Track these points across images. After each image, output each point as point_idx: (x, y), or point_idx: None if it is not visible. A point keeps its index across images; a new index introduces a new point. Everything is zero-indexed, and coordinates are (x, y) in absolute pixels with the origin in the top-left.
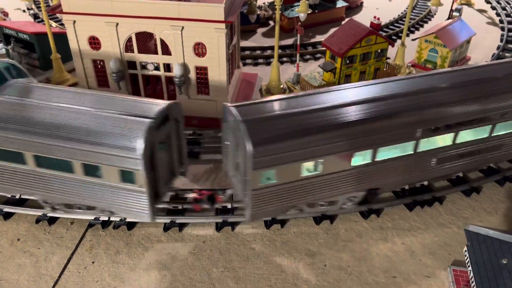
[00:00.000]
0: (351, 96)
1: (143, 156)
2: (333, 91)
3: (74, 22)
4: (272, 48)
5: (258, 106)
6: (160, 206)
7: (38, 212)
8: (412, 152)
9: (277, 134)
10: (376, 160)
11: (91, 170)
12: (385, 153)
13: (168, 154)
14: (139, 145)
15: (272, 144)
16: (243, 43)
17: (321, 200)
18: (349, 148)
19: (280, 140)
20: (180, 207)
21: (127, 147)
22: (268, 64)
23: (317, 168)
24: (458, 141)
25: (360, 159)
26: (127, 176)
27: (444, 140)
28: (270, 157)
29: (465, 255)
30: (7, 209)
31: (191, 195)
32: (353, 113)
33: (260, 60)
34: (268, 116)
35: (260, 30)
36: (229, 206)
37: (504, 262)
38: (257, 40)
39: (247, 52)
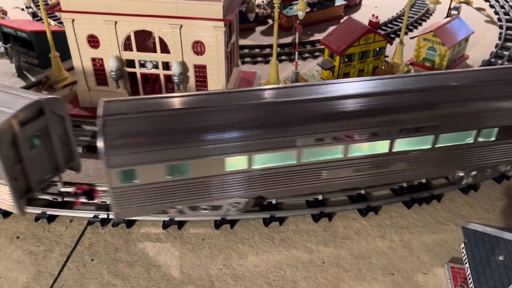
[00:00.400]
0: (235, 98)
1: None
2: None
3: (73, 20)
4: (270, 46)
5: (134, 102)
6: (40, 197)
7: (37, 210)
8: (295, 162)
9: (137, 132)
10: (253, 167)
11: None
12: (263, 161)
13: (47, 149)
14: None
15: (129, 141)
16: (242, 42)
17: (195, 204)
18: (217, 152)
19: (140, 138)
20: (60, 199)
21: None
22: (267, 62)
23: (184, 171)
24: (350, 154)
25: (235, 165)
26: None
27: (334, 152)
28: (127, 156)
29: (463, 252)
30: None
31: (71, 189)
32: (228, 117)
33: (259, 59)
34: (133, 114)
35: (259, 29)
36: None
37: (501, 258)
38: (256, 38)
39: (246, 51)
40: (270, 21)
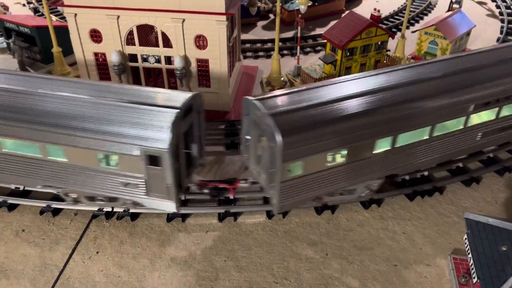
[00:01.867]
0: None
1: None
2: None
3: (75, 15)
4: (272, 41)
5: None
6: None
7: (42, 204)
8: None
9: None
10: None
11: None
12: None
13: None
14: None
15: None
16: (243, 36)
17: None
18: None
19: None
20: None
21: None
22: (269, 57)
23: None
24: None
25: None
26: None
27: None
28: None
29: (465, 243)
30: (12, 200)
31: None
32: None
33: (261, 53)
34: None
35: (260, 23)
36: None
37: (504, 249)
38: (257, 33)
39: (248, 45)
40: (271, 15)
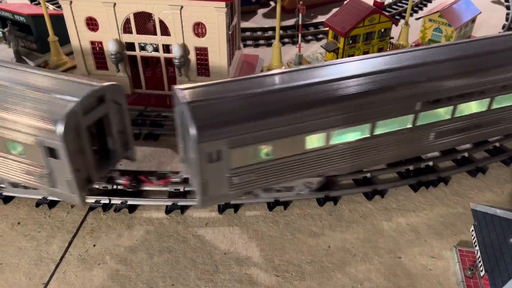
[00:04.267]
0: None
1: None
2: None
3: (71, 2)
4: (273, 29)
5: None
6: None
7: (38, 196)
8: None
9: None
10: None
11: None
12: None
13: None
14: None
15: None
16: (244, 24)
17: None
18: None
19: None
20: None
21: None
22: (269, 45)
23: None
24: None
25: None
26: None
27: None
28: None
29: (472, 235)
30: (7, 193)
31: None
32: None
33: (261, 41)
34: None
35: (261, 11)
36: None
37: None
38: (258, 21)
39: (248, 33)
40: (272, 3)
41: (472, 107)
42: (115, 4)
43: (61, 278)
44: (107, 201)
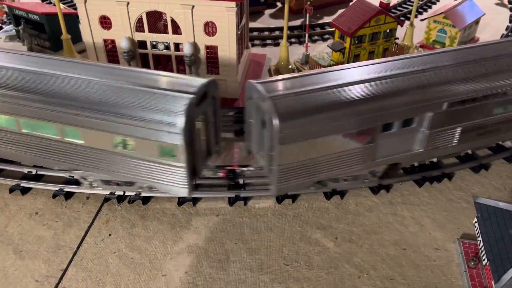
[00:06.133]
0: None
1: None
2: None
3: (85, 1)
4: (280, 29)
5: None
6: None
7: (55, 187)
8: None
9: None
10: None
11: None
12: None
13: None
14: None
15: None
16: (251, 24)
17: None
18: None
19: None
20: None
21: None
22: (276, 45)
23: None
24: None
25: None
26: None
27: None
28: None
29: (475, 226)
30: (25, 184)
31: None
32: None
33: (268, 41)
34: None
35: (268, 12)
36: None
37: None
38: (265, 21)
39: (255, 33)
40: (279, 4)
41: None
42: (128, 3)
43: (79, 265)
44: (121, 193)
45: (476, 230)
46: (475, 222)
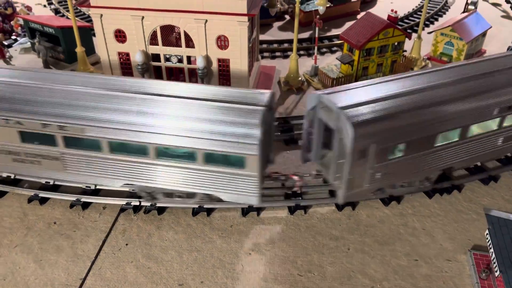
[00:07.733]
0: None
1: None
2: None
3: (101, 15)
4: (289, 41)
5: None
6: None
7: (72, 197)
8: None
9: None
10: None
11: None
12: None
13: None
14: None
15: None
16: (261, 37)
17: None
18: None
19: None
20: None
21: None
22: (286, 57)
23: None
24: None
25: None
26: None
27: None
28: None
29: (487, 238)
30: (43, 194)
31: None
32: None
33: (278, 53)
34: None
35: (276, 24)
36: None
37: None
38: (274, 33)
39: (265, 46)
40: (287, 16)
41: None
42: (143, 17)
43: (97, 274)
44: (137, 203)
45: (488, 242)
46: (487, 234)
